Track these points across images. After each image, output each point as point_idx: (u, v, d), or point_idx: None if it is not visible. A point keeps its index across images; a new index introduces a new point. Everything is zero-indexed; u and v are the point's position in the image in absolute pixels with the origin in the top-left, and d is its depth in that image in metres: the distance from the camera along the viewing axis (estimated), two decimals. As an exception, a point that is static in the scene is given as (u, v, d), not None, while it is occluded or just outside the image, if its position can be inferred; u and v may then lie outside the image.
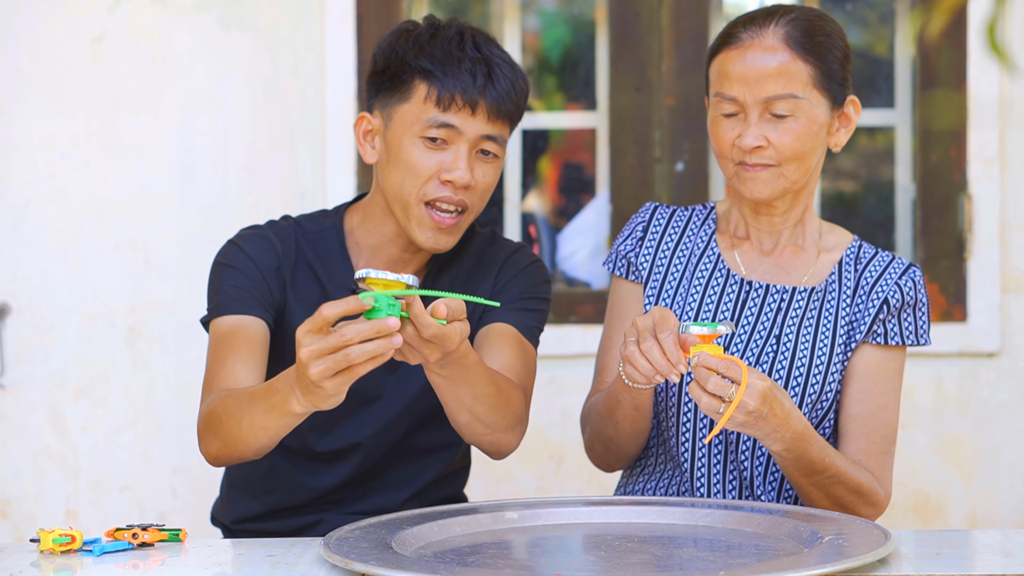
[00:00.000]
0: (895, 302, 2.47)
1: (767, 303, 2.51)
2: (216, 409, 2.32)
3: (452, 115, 2.43)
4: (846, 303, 2.49)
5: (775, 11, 2.45)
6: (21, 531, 3.84)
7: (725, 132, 2.44)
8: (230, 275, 2.54)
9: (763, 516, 2.22)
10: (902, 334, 2.48)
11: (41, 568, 2.10)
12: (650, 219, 2.63)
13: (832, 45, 2.45)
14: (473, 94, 2.43)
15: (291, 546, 2.19)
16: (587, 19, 4.11)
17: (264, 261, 2.54)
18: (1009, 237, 3.81)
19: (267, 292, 2.53)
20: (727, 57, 2.43)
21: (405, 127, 2.45)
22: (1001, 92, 3.79)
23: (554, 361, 3.82)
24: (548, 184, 4.22)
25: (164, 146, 3.84)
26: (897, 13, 4.00)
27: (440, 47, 2.45)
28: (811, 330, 2.48)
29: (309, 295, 2.56)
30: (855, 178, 4.13)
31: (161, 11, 3.82)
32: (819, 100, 2.43)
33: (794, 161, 2.42)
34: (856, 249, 2.53)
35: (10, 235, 3.83)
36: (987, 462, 3.83)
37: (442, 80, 2.43)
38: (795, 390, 2.46)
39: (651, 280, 2.59)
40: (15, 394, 3.85)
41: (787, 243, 2.54)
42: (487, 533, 2.20)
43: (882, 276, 2.49)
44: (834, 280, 2.51)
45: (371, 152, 2.52)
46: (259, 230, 2.60)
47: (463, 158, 2.44)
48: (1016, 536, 2.23)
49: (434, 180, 2.45)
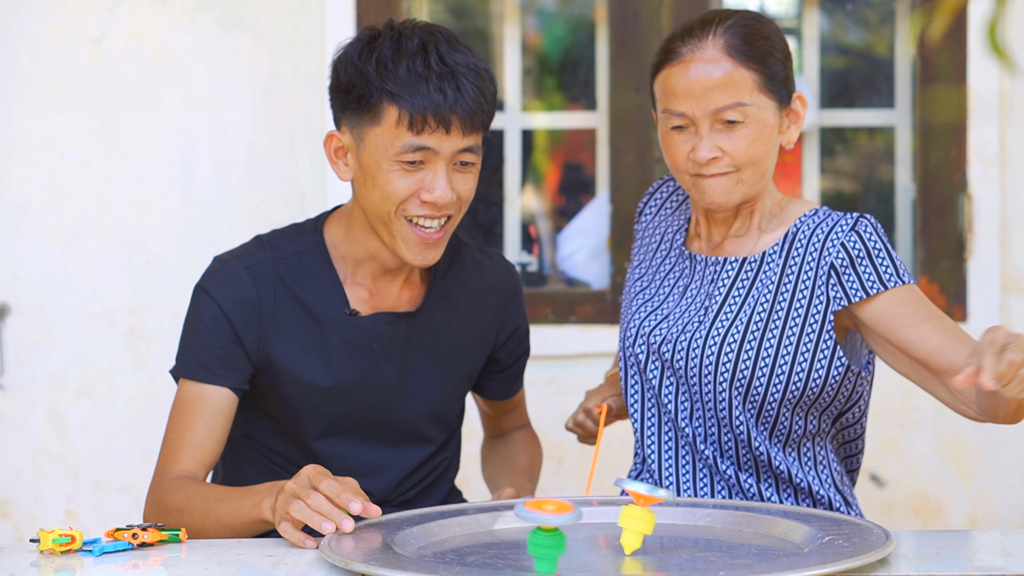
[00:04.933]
0: (841, 262, 2.41)
1: (705, 275, 2.51)
2: (175, 501, 2.38)
3: (426, 137, 2.35)
4: (776, 275, 2.46)
5: (711, 19, 2.45)
6: (21, 531, 3.84)
7: (678, 146, 2.45)
8: (200, 332, 2.48)
9: (763, 516, 2.22)
10: (864, 286, 2.40)
11: (41, 568, 2.10)
12: (653, 194, 2.71)
13: (772, 48, 2.45)
14: (444, 112, 2.34)
15: (291, 546, 2.19)
16: (587, 19, 4.12)
17: (237, 314, 2.47)
18: (1009, 237, 3.81)
19: (238, 351, 2.46)
20: (670, 73, 2.43)
21: (379, 151, 2.38)
22: (1001, 92, 3.79)
23: (554, 361, 3.82)
24: (548, 184, 4.22)
25: (164, 146, 3.84)
26: (897, 13, 4.00)
27: (404, 66, 2.35)
28: (739, 299, 2.47)
29: (299, 331, 2.49)
30: (855, 178, 4.13)
31: (161, 11, 3.82)
32: (766, 103, 2.44)
33: (751, 166, 2.43)
34: (808, 218, 2.48)
35: (10, 235, 3.83)
36: (987, 462, 3.83)
37: (412, 102, 2.34)
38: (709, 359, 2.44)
39: (637, 254, 2.66)
40: (15, 394, 3.85)
41: (733, 234, 2.53)
42: (487, 533, 2.20)
43: (827, 240, 2.43)
44: (776, 250, 2.47)
45: (344, 170, 2.45)
46: (232, 270, 2.50)
47: (441, 176, 2.38)
48: (1016, 536, 2.23)
49: (414, 199, 2.39)
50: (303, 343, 2.49)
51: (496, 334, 2.63)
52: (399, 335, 2.52)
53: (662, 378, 2.51)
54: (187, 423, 2.45)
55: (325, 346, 2.50)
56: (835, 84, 4.09)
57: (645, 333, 2.52)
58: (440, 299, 2.56)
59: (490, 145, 4.01)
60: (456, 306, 2.58)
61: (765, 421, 2.45)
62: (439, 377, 2.55)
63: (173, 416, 2.48)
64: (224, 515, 2.30)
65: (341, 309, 2.50)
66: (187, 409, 2.45)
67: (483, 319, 2.61)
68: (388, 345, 2.51)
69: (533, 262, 4.06)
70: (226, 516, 2.30)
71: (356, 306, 2.51)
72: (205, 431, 2.45)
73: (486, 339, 2.62)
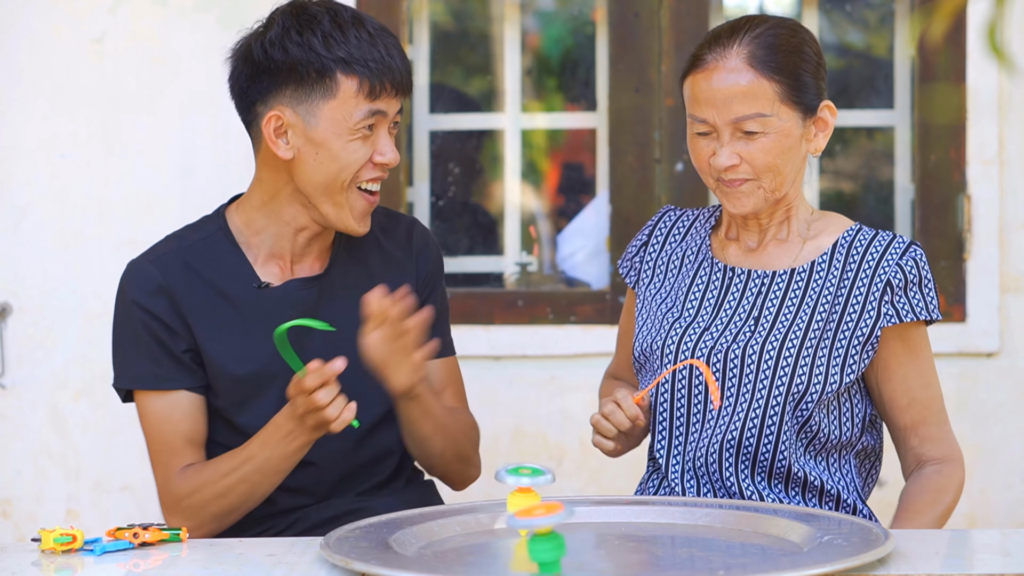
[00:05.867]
0: (898, 282, 2.47)
1: (748, 288, 2.52)
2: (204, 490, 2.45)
3: (381, 102, 2.44)
4: (833, 285, 2.49)
5: (740, 27, 2.47)
6: (22, 531, 3.85)
7: (701, 151, 2.49)
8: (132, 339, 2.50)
9: (763, 516, 2.22)
10: (914, 310, 2.48)
11: (42, 568, 2.10)
12: (657, 222, 2.68)
13: (800, 58, 2.46)
14: (397, 76, 2.45)
15: (291, 546, 2.20)
16: (587, 19, 4.12)
17: (157, 306, 2.48)
18: (1008, 237, 3.82)
19: (177, 344, 2.49)
20: (695, 80, 2.47)
21: (337, 123, 2.43)
22: (1000, 92, 3.79)
23: (554, 361, 3.82)
24: (548, 184, 4.23)
25: (164, 146, 3.84)
26: (897, 14, 4.00)
27: (352, 36, 2.43)
28: (792, 310, 2.49)
29: (212, 312, 2.51)
30: (854, 178, 4.14)
31: (161, 11, 3.83)
32: (788, 114, 2.45)
33: (769, 173, 2.46)
34: (854, 233, 2.53)
35: (11, 235, 3.83)
36: (986, 462, 3.84)
37: (369, 69, 2.42)
38: (766, 367, 2.46)
39: (651, 282, 2.62)
40: (16, 394, 3.86)
41: (771, 239, 2.55)
42: (487, 533, 2.21)
43: (883, 258, 2.49)
44: (823, 263, 2.51)
45: (286, 148, 2.47)
46: (139, 267, 2.52)
47: (387, 138, 2.47)
48: (1015, 536, 2.23)
49: (368, 165, 2.46)
50: (219, 325, 2.50)
51: (414, 285, 2.60)
52: (311, 298, 2.53)
53: (690, 387, 2.51)
54: (169, 431, 2.49)
55: (242, 325, 2.50)
56: (834, 84, 4.09)
57: (689, 346, 2.51)
58: (347, 259, 2.58)
59: (491, 146, 4.03)
60: (366, 266, 2.59)
61: (807, 431, 2.48)
62: (360, 334, 2.47)
63: (150, 431, 2.51)
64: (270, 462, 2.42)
65: (251, 285, 2.52)
66: (165, 422, 2.50)
67: (398, 273, 2.60)
68: (303, 309, 2.51)
69: (533, 262, 4.06)
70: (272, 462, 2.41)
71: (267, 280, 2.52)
72: (188, 430, 2.49)
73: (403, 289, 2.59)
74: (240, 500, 2.43)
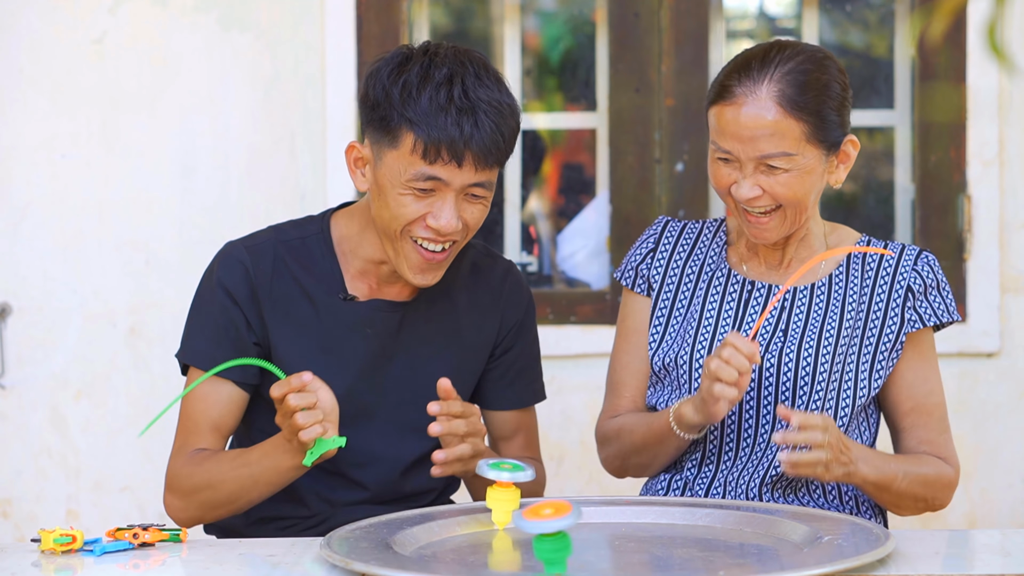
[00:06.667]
0: (918, 287, 2.50)
1: (771, 300, 2.53)
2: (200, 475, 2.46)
3: (439, 168, 2.39)
4: (854, 296, 2.51)
5: (771, 58, 2.44)
6: (22, 531, 3.85)
7: (722, 175, 2.47)
8: (205, 316, 2.55)
9: (763, 516, 2.22)
10: (936, 314, 2.51)
11: (42, 568, 2.10)
12: (661, 232, 2.65)
13: (828, 95, 2.45)
14: (459, 147, 2.37)
15: (291, 546, 2.20)
16: (587, 20, 4.12)
17: (240, 292, 2.52)
18: (1008, 237, 3.82)
19: (245, 333, 2.52)
20: (721, 111, 2.44)
21: (394, 173, 2.41)
22: (1000, 92, 3.79)
23: (554, 361, 3.82)
24: (548, 184, 4.23)
25: (164, 147, 3.84)
26: (897, 14, 4.00)
27: (428, 95, 2.38)
28: (819, 322, 2.50)
29: (293, 310, 2.52)
30: (854, 178, 4.13)
31: (162, 12, 3.83)
32: (813, 152, 2.44)
33: (792, 206, 2.46)
34: (865, 244, 2.56)
35: (11, 235, 3.84)
36: (986, 462, 3.84)
37: (428, 133, 2.37)
38: (804, 380, 2.46)
39: (662, 294, 2.61)
40: (16, 394, 3.86)
41: (792, 256, 2.56)
42: (487, 533, 2.21)
43: (899, 265, 2.52)
44: (840, 274, 2.53)
45: (362, 180, 2.49)
46: (232, 250, 2.56)
47: (450, 206, 2.41)
48: (1015, 536, 2.23)
49: (420, 223, 2.43)
50: (297, 325, 2.51)
51: (497, 331, 2.63)
52: (393, 322, 2.54)
53: (740, 420, 2.52)
54: (200, 410, 2.51)
55: (320, 331, 2.52)
56: (835, 84, 4.09)
57: None
58: (435, 291, 2.57)
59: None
60: (454, 302, 2.60)
61: None
62: (435, 368, 2.55)
63: (185, 408, 2.52)
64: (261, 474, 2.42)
65: (337, 294, 2.53)
66: (201, 400, 2.51)
67: (483, 317, 2.62)
68: (382, 332, 2.53)
69: (533, 262, 4.06)
70: (266, 473, 2.41)
71: (354, 294, 2.54)
72: (217, 416, 2.51)
73: (486, 334, 2.62)
74: (227, 499, 2.43)
